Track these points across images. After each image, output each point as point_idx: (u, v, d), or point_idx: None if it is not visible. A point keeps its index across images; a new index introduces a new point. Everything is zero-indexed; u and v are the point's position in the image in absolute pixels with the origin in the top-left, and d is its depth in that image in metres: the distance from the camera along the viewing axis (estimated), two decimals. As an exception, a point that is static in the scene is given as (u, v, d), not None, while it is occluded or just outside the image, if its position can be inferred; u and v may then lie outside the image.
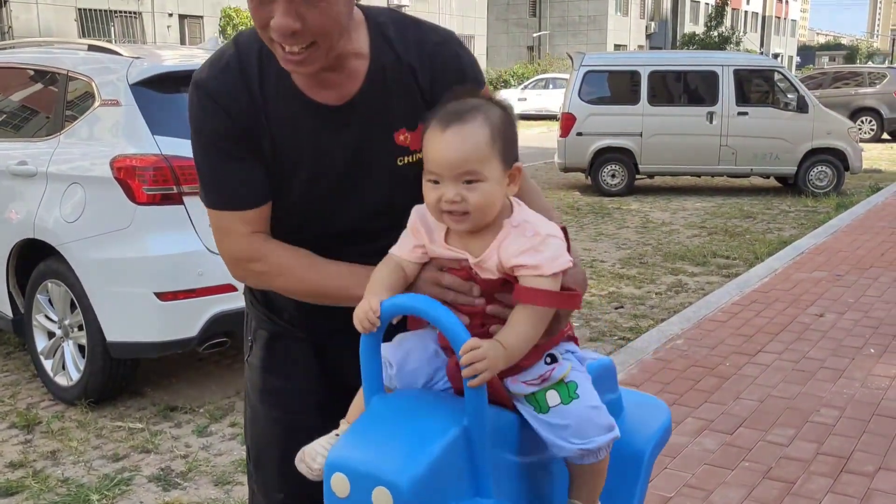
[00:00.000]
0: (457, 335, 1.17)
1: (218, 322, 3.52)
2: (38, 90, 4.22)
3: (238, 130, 1.34)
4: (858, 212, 8.52)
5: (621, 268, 6.55)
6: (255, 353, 1.61)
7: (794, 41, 73.80)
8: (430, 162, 1.25)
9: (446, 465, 1.15)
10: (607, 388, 1.52)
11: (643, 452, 1.51)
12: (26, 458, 3.25)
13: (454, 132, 1.23)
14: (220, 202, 1.39)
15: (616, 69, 10.64)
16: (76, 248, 3.55)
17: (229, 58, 1.36)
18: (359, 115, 1.37)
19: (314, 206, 1.41)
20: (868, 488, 2.84)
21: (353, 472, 1.15)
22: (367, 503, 1.13)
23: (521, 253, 1.24)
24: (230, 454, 3.28)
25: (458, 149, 1.23)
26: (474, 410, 1.18)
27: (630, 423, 1.54)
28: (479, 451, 1.19)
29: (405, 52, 1.37)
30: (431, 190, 1.26)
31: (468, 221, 1.25)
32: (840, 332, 4.56)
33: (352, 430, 1.23)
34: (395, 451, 1.15)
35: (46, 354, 3.91)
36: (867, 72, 18.88)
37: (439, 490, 1.14)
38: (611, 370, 1.54)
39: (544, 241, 1.25)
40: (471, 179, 1.23)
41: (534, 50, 44.14)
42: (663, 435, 1.58)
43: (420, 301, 1.21)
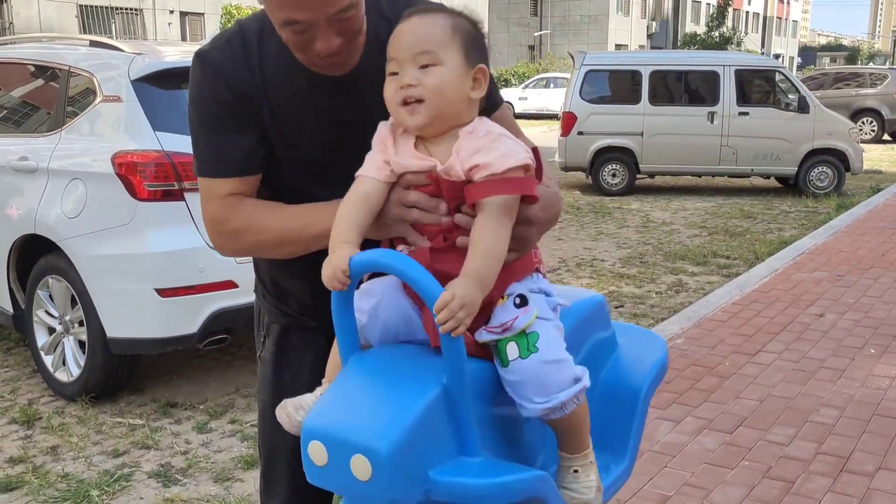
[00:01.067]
0: (429, 291, 1.12)
1: (218, 319, 3.52)
2: (39, 86, 4.22)
3: (236, 101, 1.37)
4: (859, 212, 8.52)
5: (622, 267, 6.55)
6: (267, 347, 1.62)
7: (795, 42, 73.75)
8: (390, 49, 1.25)
9: (427, 426, 1.11)
10: (600, 326, 1.48)
11: (639, 389, 1.46)
12: (26, 453, 3.25)
13: (415, 19, 1.26)
14: (206, 169, 1.41)
15: (617, 69, 10.63)
16: (77, 243, 3.55)
17: (231, 34, 1.41)
18: (360, 86, 1.39)
19: (318, 180, 1.42)
20: (868, 488, 2.84)
21: (330, 440, 1.11)
22: (346, 471, 1.10)
23: (473, 153, 1.21)
24: (230, 451, 3.28)
25: (415, 31, 1.24)
26: (453, 367, 1.13)
27: (625, 358, 1.50)
28: (461, 409, 1.14)
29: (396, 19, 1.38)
30: (390, 82, 1.25)
31: (422, 111, 1.22)
32: (840, 332, 4.56)
33: (328, 395, 1.18)
34: (372, 415, 1.11)
35: (47, 350, 3.91)
36: (868, 73, 18.89)
37: (421, 453, 1.11)
38: (602, 307, 1.49)
39: (497, 139, 1.22)
40: (427, 63, 1.22)
41: (535, 49, 44.12)
42: (660, 370, 1.52)
43: (389, 256, 1.16)
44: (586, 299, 1.47)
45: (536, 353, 1.20)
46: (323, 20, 1.24)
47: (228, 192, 1.40)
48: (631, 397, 1.46)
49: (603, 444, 1.45)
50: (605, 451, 1.44)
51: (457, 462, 1.15)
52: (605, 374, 1.48)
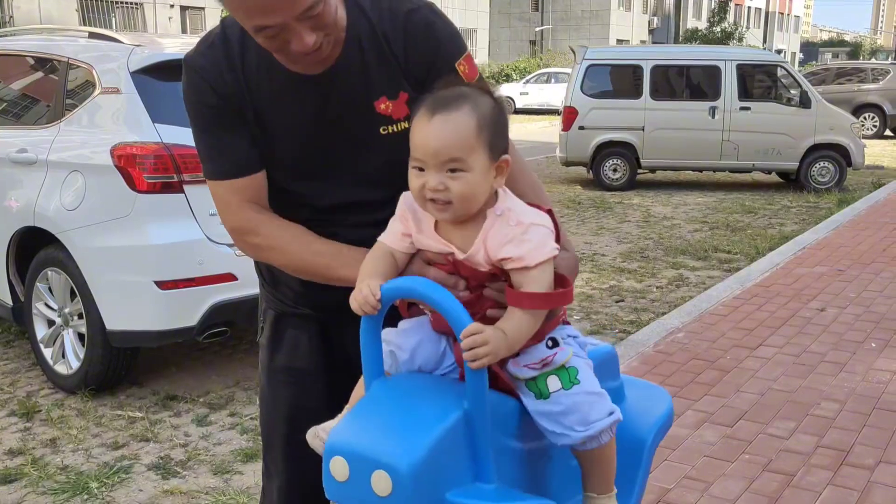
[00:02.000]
0: (458, 319, 1.16)
1: (218, 311, 3.51)
2: (38, 78, 4.21)
3: (222, 103, 1.39)
4: (860, 208, 8.51)
5: (622, 262, 6.54)
6: (264, 332, 1.65)
7: (797, 37, 73.62)
8: (416, 149, 1.24)
9: (446, 449, 1.14)
10: (609, 376, 1.52)
11: (645, 440, 1.50)
12: (25, 445, 3.25)
13: (440, 120, 1.22)
14: (211, 172, 1.45)
15: (618, 63, 10.61)
16: (76, 236, 3.54)
17: (215, 37, 1.42)
18: (338, 84, 1.38)
19: (306, 178, 1.44)
20: (868, 481, 2.83)
21: (352, 456, 1.14)
22: (366, 487, 1.12)
23: (504, 244, 1.22)
24: (229, 443, 3.27)
25: (443, 137, 1.21)
26: (475, 394, 1.17)
27: (632, 410, 1.53)
28: (479, 436, 1.18)
29: (379, 21, 1.39)
30: (416, 177, 1.24)
31: (450, 211, 1.23)
32: (841, 326, 4.55)
33: (352, 414, 1.22)
34: (395, 434, 1.15)
35: (46, 343, 3.91)
36: (870, 68, 18.84)
37: (439, 474, 1.13)
38: (612, 357, 1.54)
39: (527, 230, 1.23)
40: (455, 168, 1.21)
41: (536, 44, 44.05)
42: (665, 422, 1.57)
43: (421, 284, 1.19)
44: (598, 349, 1.50)
45: (579, 384, 1.27)
46: (292, 20, 1.23)
47: (243, 197, 1.42)
48: (637, 447, 1.50)
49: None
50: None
51: (472, 486, 1.18)
52: None
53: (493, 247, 1.23)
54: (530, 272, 1.22)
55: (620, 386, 1.56)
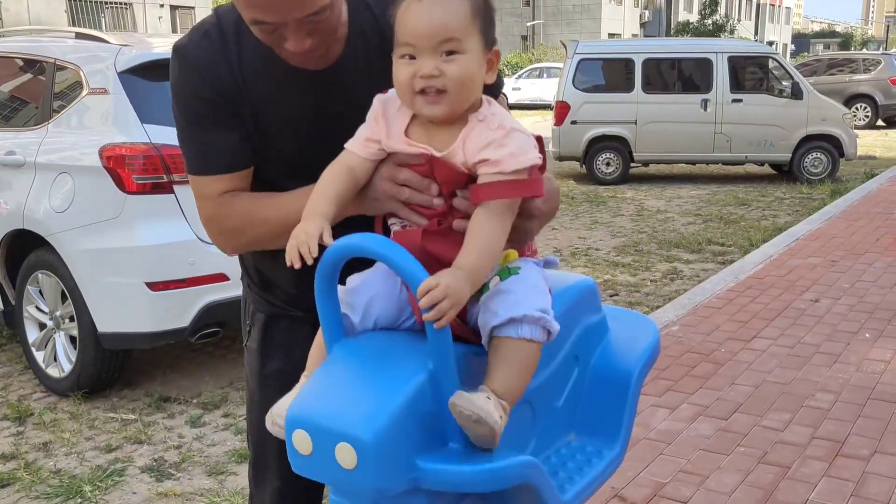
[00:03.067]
0: (413, 276, 1.08)
1: (210, 312, 3.50)
2: (25, 79, 4.18)
3: (215, 97, 1.33)
4: (853, 198, 8.52)
5: (616, 256, 6.54)
6: (253, 336, 1.60)
7: (788, 29, 73.71)
8: (405, 33, 1.15)
9: (413, 413, 1.08)
10: (590, 310, 1.45)
11: (630, 373, 1.43)
12: (18, 449, 3.23)
13: (437, 1, 1.14)
14: (197, 167, 1.39)
15: (610, 57, 10.60)
16: (66, 238, 3.52)
17: (209, 26, 1.36)
18: (340, 80, 1.35)
19: (301, 175, 1.38)
20: (863, 472, 2.83)
21: (314, 428, 1.09)
22: (331, 460, 1.07)
23: (484, 146, 1.15)
24: (224, 444, 3.26)
25: (439, 15, 1.13)
26: (439, 353, 1.10)
27: (616, 343, 1.47)
28: (447, 395, 1.11)
29: (382, 14, 1.35)
30: (404, 66, 1.15)
31: (444, 102, 1.15)
32: (835, 317, 4.55)
33: (312, 383, 1.16)
34: (357, 403, 1.09)
35: (38, 346, 3.88)
36: (862, 59, 18.86)
37: (407, 440, 1.08)
38: (592, 290, 1.46)
39: (508, 135, 1.16)
40: (451, 50, 1.14)
41: (527, 39, 44.01)
42: (651, 354, 1.49)
43: (371, 241, 1.11)
44: (577, 283, 1.44)
45: (516, 274, 1.18)
46: (292, 22, 1.20)
47: (222, 189, 1.37)
48: (622, 381, 1.43)
49: (595, 430, 1.43)
50: (598, 437, 1.42)
51: (444, 449, 1.13)
52: (596, 359, 1.46)
53: (472, 149, 1.16)
54: (505, 177, 1.15)
55: (603, 319, 1.49)
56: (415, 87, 1.16)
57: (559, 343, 1.36)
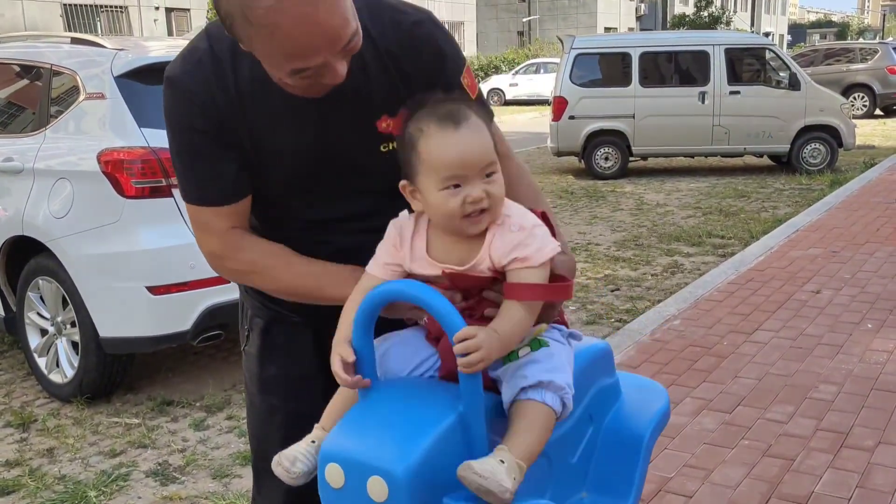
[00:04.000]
0: (452, 322, 1.14)
1: (211, 315, 3.49)
2: (22, 85, 4.18)
3: (213, 126, 1.31)
4: (853, 188, 8.51)
5: (616, 250, 6.54)
6: (251, 341, 1.60)
7: (784, 19, 73.57)
8: (451, 165, 1.20)
9: (442, 452, 1.13)
10: (604, 372, 1.51)
11: (642, 436, 1.49)
12: (22, 456, 3.23)
13: (468, 129, 1.22)
14: (196, 197, 1.37)
15: (607, 51, 10.58)
16: (66, 243, 3.51)
17: (202, 53, 1.32)
18: (339, 105, 1.33)
19: (299, 196, 1.39)
20: (868, 463, 2.83)
21: (347, 462, 1.13)
22: (362, 493, 1.11)
23: (511, 250, 1.23)
24: (228, 447, 3.26)
25: (479, 141, 1.22)
26: (469, 396, 1.16)
27: (628, 407, 1.52)
28: (475, 437, 1.17)
29: (381, 37, 1.34)
30: (451, 196, 1.21)
31: (486, 219, 1.23)
32: (837, 307, 4.55)
33: (346, 419, 1.21)
34: (389, 439, 1.13)
35: (40, 352, 3.88)
36: (859, 48, 18.85)
37: (436, 478, 1.12)
38: (607, 354, 1.52)
39: (531, 234, 1.24)
40: (490, 172, 1.22)
41: (524, 35, 43.96)
42: (662, 418, 1.56)
43: (412, 287, 1.18)
44: (593, 345, 1.49)
45: (547, 346, 1.26)
46: (331, 57, 1.19)
47: (226, 225, 1.37)
48: (634, 444, 1.48)
49: (607, 488, 1.47)
50: (610, 495, 1.47)
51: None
52: (610, 420, 1.52)
53: (500, 255, 1.23)
54: (534, 270, 1.23)
55: (616, 382, 1.54)
56: (465, 212, 1.22)
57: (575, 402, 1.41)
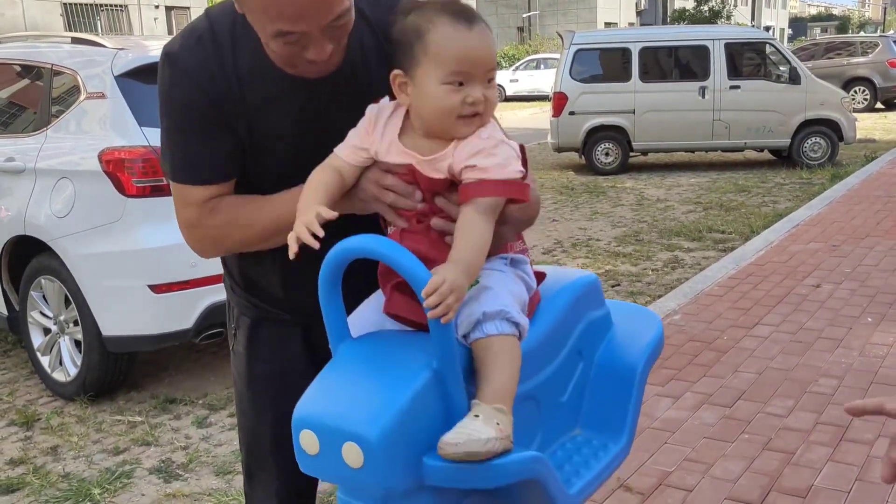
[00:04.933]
0: (417, 276, 1.10)
1: (213, 313, 3.51)
2: (23, 85, 4.19)
3: (209, 106, 1.31)
4: (853, 182, 8.51)
5: (617, 246, 6.54)
6: (239, 340, 1.59)
7: (785, 13, 73.39)
8: (460, 61, 1.19)
9: (418, 411, 1.10)
10: (594, 305, 1.47)
11: (635, 367, 1.45)
12: (26, 454, 3.25)
13: (480, 30, 1.22)
14: (182, 175, 1.36)
15: (607, 47, 10.58)
16: (68, 243, 3.53)
17: (202, 31, 1.31)
18: (337, 89, 1.34)
19: (295, 179, 1.37)
20: (868, 456, 2.84)
21: (320, 428, 1.10)
22: (338, 459, 1.08)
23: (473, 154, 1.21)
24: (230, 444, 3.28)
25: (489, 44, 1.22)
26: (443, 351, 1.12)
27: (620, 338, 1.48)
28: (452, 393, 1.13)
29: (378, 22, 1.35)
30: (453, 93, 1.20)
31: (477, 123, 1.23)
32: (837, 301, 4.56)
33: (318, 383, 1.17)
34: (362, 402, 1.10)
35: (43, 351, 3.90)
36: (859, 41, 18.80)
37: (413, 438, 1.09)
38: (595, 285, 1.48)
39: (497, 146, 1.22)
40: (491, 78, 1.23)
41: (524, 31, 43.90)
42: (655, 347, 1.50)
43: (371, 242, 1.13)
44: (579, 278, 1.45)
45: (476, 284, 1.21)
46: (317, 30, 1.19)
47: (207, 196, 1.35)
48: (627, 375, 1.44)
49: (601, 425, 1.44)
50: (603, 431, 1.44)
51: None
52: (601, 353, 1.47)
53: (462, 155, 1.21)
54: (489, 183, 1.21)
55: (606, 313, 1.50)
56: (462, 112, 1.20)
57: (563, 339, 1.37)
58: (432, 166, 1.23)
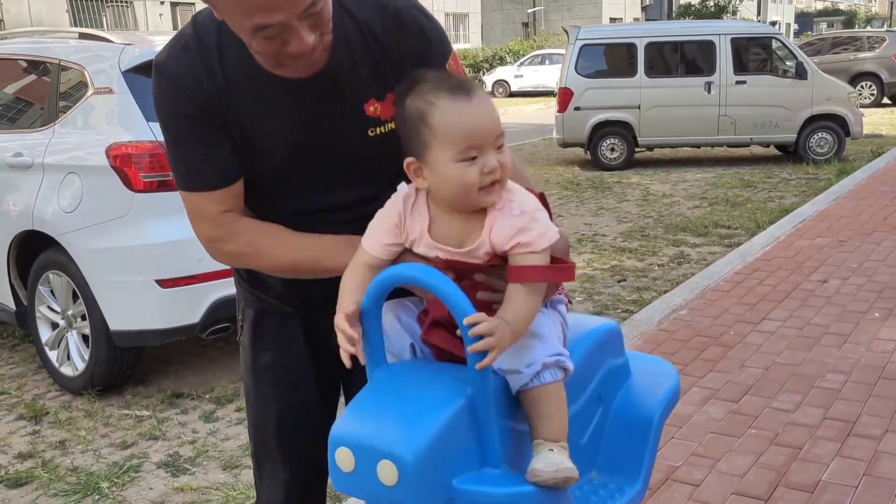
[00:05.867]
0: (460, 307, 1.14)
1: (220, 307, 3.52)
2: (30, 81, 4.20)
3: (200, 112, 1.31)
4: (860, 177, 8.48)
5: (623, 241, 6.54)
6: (245, 331, 1.62)
7: (791, 8, 73.06)
8: (468, 136, 1.20)
9: (452, 435, 1.14)
10: (613, 353, 1.50)
11: (652, 417, 1.49)
12: (35, 448, 3.27)
13: (480, 99, 1.23)
14: (188, 184, 1.37)
15: (612, 42, 10.56)
16: (75, 237, 3.54)
17: (188, 38, 1.32)
18: (325, 88, 1.33)
19: (289, 182, 1.39)
20: (875, 451, 2.84)
21: (356, 446, 1.14)
22: (372, 477, 1.12)
23: (514, 234, 1.22)
24: (237, 438, 3.29)
25: (493, 113, 1.23)
26: (478, 379, 1.16)
27: (638, 387, 1.52)
28: (484, 420, 1.17)
29: (366, 21, 1.34)
30: (469, 168, 1.20)
31: (499, 189, 1.23)
32: (844, 297, 4.55)
33: (355, 404, 1.21)
34: (399, 423, 1.14)
35: (51, 345, 3.92)
36: (866, 36, 18.73)
37: (445, 461, 1.13)
38: (616, 334, 1.52)
39: (533, 218, 1.24)
40: (501, 144, 1.24)
41: (529, 26, 43.79)
42: (672, 398, 1.55)
43: (419, 271, 1.17)
44: (601, 326, 1.49)
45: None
46: (294, 18, 1.18)
47: (219, 209, 1.37)
48: (644, 424, 1.49)
49: (617, 469, 1.48)
50: (620, 475, 1.47)
51: (479, 472, 1.18)
52: (619, 401, 1.52)
53: (502, 239, 1.23)
54: (537, 255, 1.23)
55: (625, 363, 1.54)
56: (482, 183, 1.21)
57: (584, 383, 1.42)
58: (469, 256, 1.25)
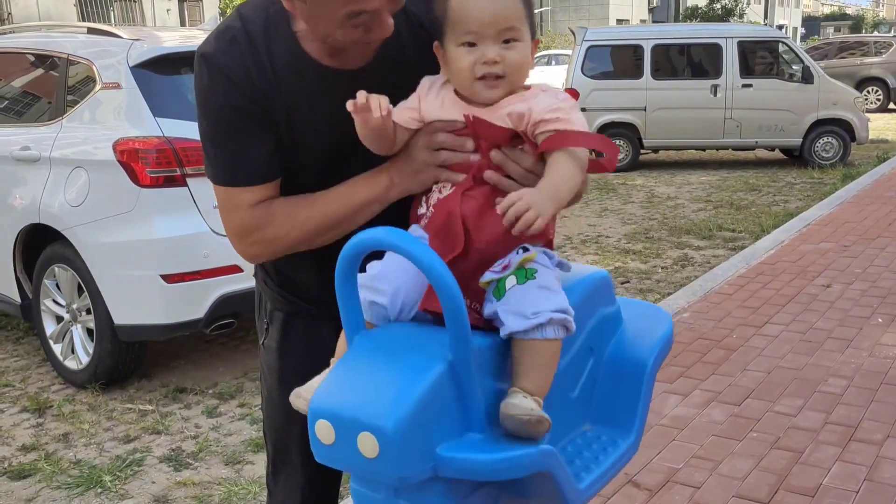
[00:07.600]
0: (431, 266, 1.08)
1: (224, 303, 3.53)
2: (39, 75, 4.21)
3: (248, 105, 1.29)
4: (865, 182, 8.47)
5: (627, 243, 6.54)
6: (271, 335, 1.57)
7: (798, 12, 72.92)
8: (467, 21, 1.21)
9: (433, 403, 1.10)
10: (604, 301, 1.47)
11: (644, 363, 1.45)
12: (38, 441, 3.28)
13: None
14: (227, 178, 1.34)
15: (619, 43, 10.56)
16: (81, 231, 3.55)
17: (236, 31, 1.30)
18: (376, 79, 1.32)
19: (334, 175, 1.36)
20: (877, 456, 2.84)
21: (336, 418, 1.11)
22: (353, 449, 1.09)
23: (555, 108, 1.22)
24: (240, 434, 3.30)
25: (501, 4, 1.21)
26: (458, 343, 1.12)
27: (630, 335, 1.48)
28: (466, 385, 1.14)
29: (415, 13, 1.34)
30: (466, 54, 1.21)
31: (502, 86, 1.22)
32: (847, 302, 4.55)
33: (334, 374, 1.18)
34: (378, 393, 1.11)
35: (55, 339, 3.93)
36: (873, 41, 18.70)
37: (428, 429, 1.10)
38: (607, 282, 1.48)
39: (574, 108, 1.23)
40: (509, 38, 1.22)
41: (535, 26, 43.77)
42: (664, 345, 1.50)
43: (387, 234, 1.12)
44: (591, 275, 1.45)
45: (534, 279, 1.21)
46: (386, 4, 1.20)
47: (255, 200, 1.33)
48: (637, 372, 1.45)
49: (610, 420, 1.44)
50: (613, 427, 1.44)
51: (463, 438, 1.15)
52: (611, 350, 1.48)
53: (542, 107, 1.22)
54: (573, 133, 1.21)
55: (617, 310, 1.50)
56: (476, 73, 1.21)
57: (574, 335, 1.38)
58: (495, 113, 1.23)
